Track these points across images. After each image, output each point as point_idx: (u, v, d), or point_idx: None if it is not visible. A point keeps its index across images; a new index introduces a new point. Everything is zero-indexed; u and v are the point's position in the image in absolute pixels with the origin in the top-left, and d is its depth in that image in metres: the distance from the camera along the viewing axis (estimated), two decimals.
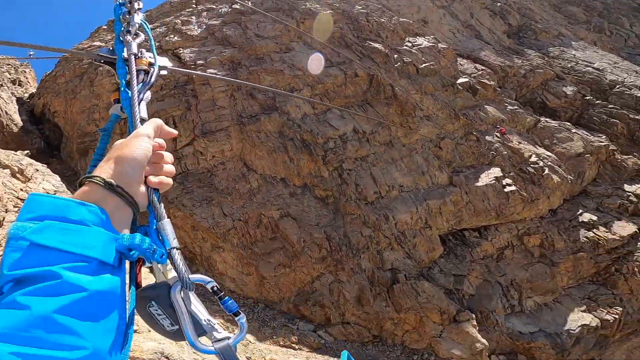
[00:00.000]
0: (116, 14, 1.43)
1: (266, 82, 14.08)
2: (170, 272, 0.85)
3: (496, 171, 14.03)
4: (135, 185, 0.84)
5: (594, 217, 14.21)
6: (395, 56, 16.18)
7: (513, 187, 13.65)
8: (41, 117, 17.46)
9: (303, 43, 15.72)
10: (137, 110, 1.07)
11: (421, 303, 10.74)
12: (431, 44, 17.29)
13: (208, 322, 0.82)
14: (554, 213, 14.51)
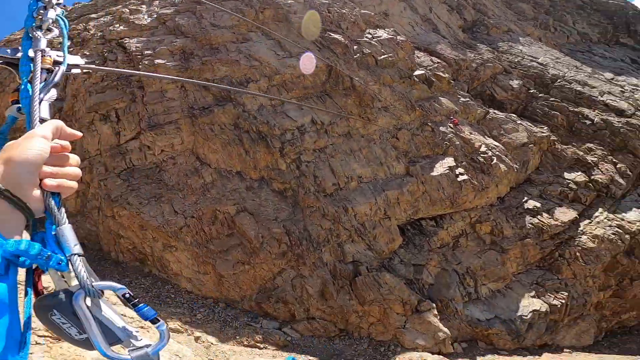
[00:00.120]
0: (30, 9, 1.32)
1: (221, 73, 13.41)
2: (74, 280, 0.82)
3: (450, 161, 14.43)
4: (27, 188, 0.80)
5: (538, 204, 15.04)
6: (354, 47, 16.06)
7: (465, 177, 14.11)
8: None
9: (261, 33, 15.13)
10: (37, 109, 0.99)
11: (384, 295, 10.81)
12: (390, 36, 17.36)
13: (124, 330, 0.79)
14: (502, 201, 15.21)
